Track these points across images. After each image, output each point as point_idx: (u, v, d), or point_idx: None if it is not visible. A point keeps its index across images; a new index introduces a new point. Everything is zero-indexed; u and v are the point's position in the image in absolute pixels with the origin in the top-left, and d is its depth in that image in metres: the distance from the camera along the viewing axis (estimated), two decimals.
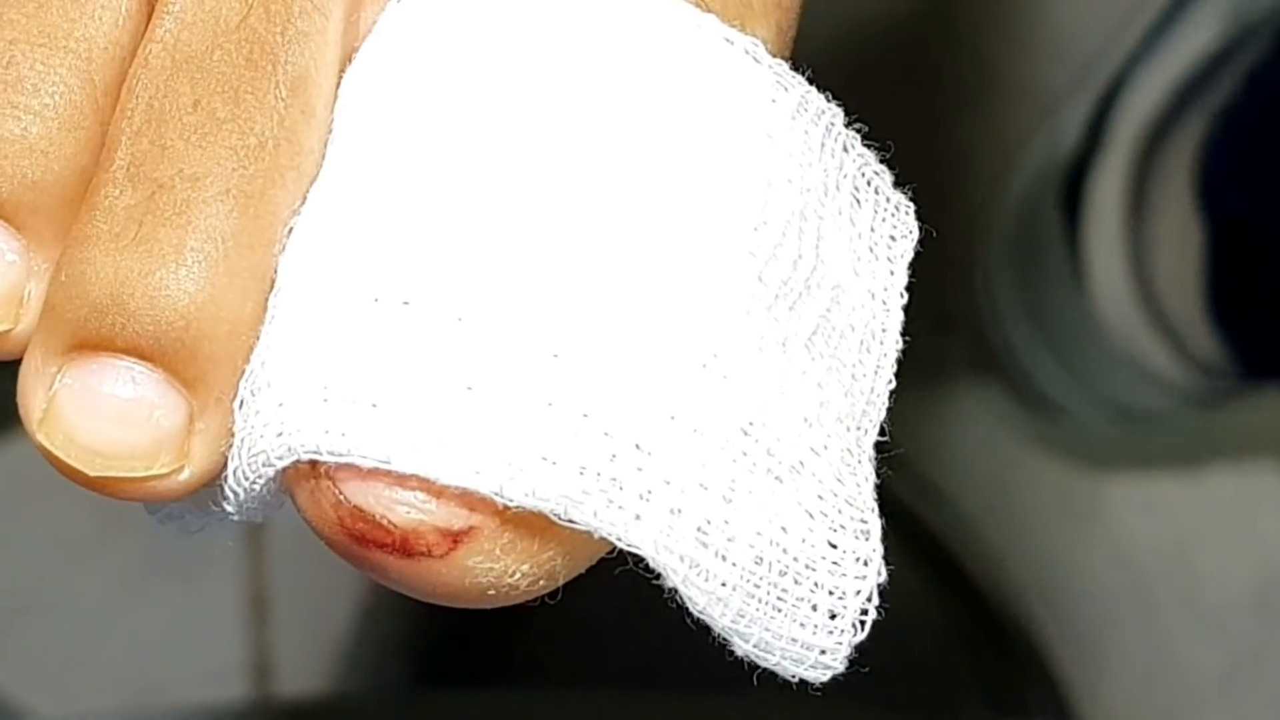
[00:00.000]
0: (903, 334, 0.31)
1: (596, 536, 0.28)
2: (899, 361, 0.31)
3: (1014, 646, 0.83)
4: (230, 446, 0.29)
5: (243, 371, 0.29)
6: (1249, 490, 0.88)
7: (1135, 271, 0.82)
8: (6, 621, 0.86)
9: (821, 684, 0.29)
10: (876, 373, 0.30)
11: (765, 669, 0.29)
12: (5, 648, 0.85)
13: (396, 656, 0.86)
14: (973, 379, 0.89)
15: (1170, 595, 0.87)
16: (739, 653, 0.28)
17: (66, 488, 0.30)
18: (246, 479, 0.29)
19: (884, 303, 0.31)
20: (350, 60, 0.30)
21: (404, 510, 0.28)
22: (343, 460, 0.28)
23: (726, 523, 0.28)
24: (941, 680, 0.79)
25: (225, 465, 0.29)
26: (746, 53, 0.30)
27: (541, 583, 0.29)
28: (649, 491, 0.28)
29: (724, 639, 0.28)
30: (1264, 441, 0.88)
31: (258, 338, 0.29)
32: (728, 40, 0.30)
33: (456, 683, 0.85)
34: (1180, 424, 0.86)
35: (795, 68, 0.31)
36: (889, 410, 0.31)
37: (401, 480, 0.27)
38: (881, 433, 0.30)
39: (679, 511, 0.28)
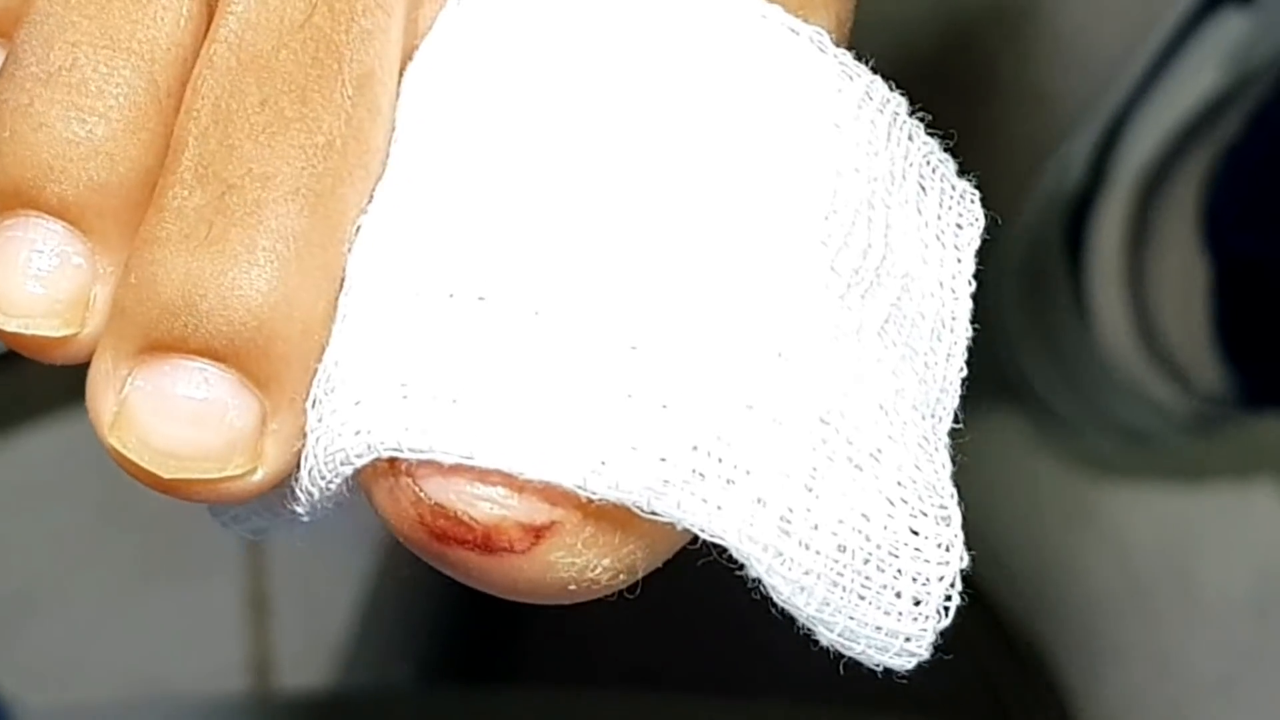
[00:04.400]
0: None
1: (679, 528, 0.28)
2: None
3: (1014, 647, 0.83)
4: (303, 447, 0.29)
5: (315, 371, 0.29)
6: (1247, 491, 0.88)
7: (1137, 307, 0.82)
8: (6, 621, 0.85)
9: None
10: (948, 360, 0.30)
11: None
12: (5, 647, 0.85)
13: (396, 656, 0.86)
14: (973, 381, 0.89)
15: (1170, 596, 0.87)
16: (824, 642, 0.28)
17: (67, 488, 0.30)
18: (323, 479, 0.29)
19: (953, 290, 0.31)
20: (410, 58, 0.30)
21: (486, 506, 0.27)
22: (423, 457, 0.27)
23: (809, 511, 0.28)
24: (942, 681, 0.79)
25: (298, 466, 0.29)
26: (811, 42, 0.30)
27: (622, 576, 0.28)
28: (730, 481, 0.27)
29: (808, 628, 0.28)
30: (1263, 459, 0.89)
31: (329, 337, 0.29)
32: (793, 30, 0.30)
33: (457, 682, 0.85)
34: (1181, 445, 0.87)
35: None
36: None
37: (483, 476, 0.27)
38: (955, 420, 0.30)
39: (762, 501, 0.28)
